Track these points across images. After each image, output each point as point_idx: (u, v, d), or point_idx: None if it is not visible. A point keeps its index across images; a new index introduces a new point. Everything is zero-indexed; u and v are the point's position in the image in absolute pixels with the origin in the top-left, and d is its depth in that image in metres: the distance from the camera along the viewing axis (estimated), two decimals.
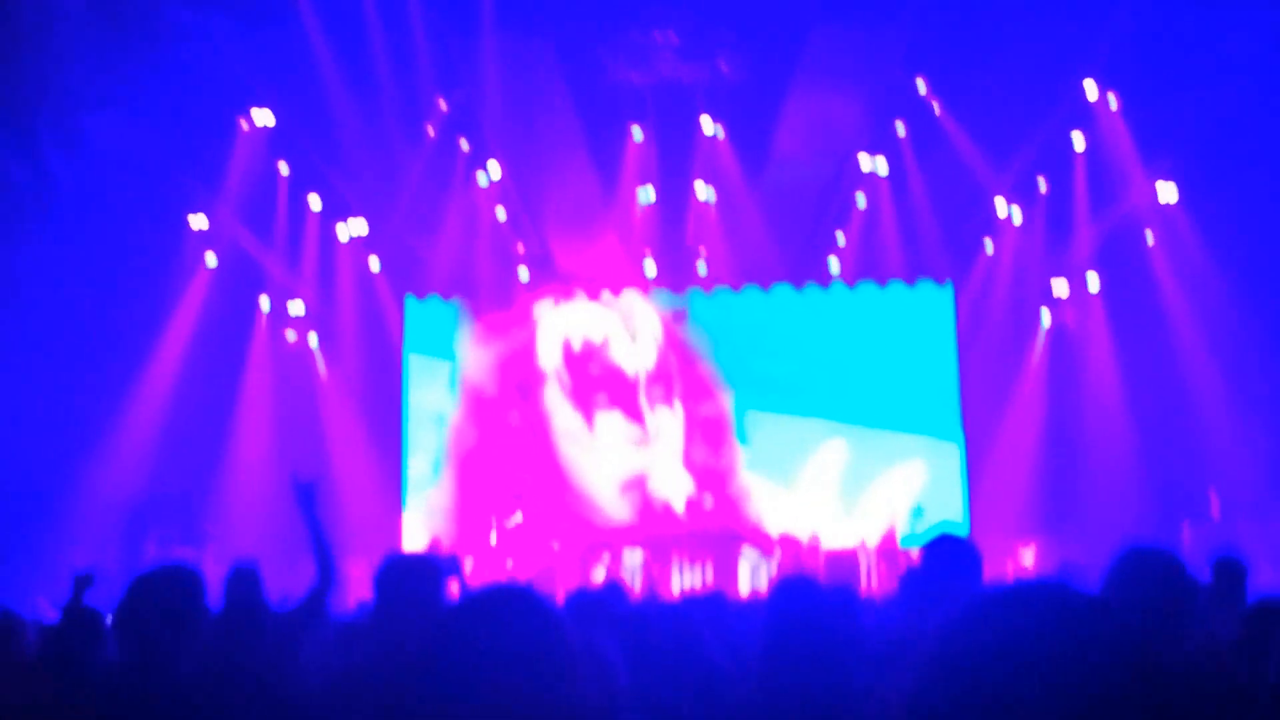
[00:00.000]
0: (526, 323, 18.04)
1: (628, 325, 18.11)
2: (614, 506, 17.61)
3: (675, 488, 17.60)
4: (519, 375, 18.00)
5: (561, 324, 18.10)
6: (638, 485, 17.66)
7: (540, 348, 18.04)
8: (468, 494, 17.61)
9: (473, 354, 18.02)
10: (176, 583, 3.41)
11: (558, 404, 17.97)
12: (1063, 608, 1.31)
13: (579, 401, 17.93)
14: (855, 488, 17.66)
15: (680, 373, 18.02)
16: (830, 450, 17.75)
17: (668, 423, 17.92)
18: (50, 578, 11.58)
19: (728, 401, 17.98)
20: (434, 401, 18.07)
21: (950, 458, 17.96)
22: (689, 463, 17.79)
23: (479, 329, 17.95)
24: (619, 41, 13.90)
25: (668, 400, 17.96)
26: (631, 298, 18.08)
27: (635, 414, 17.90)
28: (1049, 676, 1.24)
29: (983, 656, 1.28)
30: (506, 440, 17.81)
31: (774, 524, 16.98)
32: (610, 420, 17.88)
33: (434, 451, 17.97)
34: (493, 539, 16.24)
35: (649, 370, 17.97)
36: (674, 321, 18.11)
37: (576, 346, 18.10)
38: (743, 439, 17.89)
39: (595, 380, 17.97)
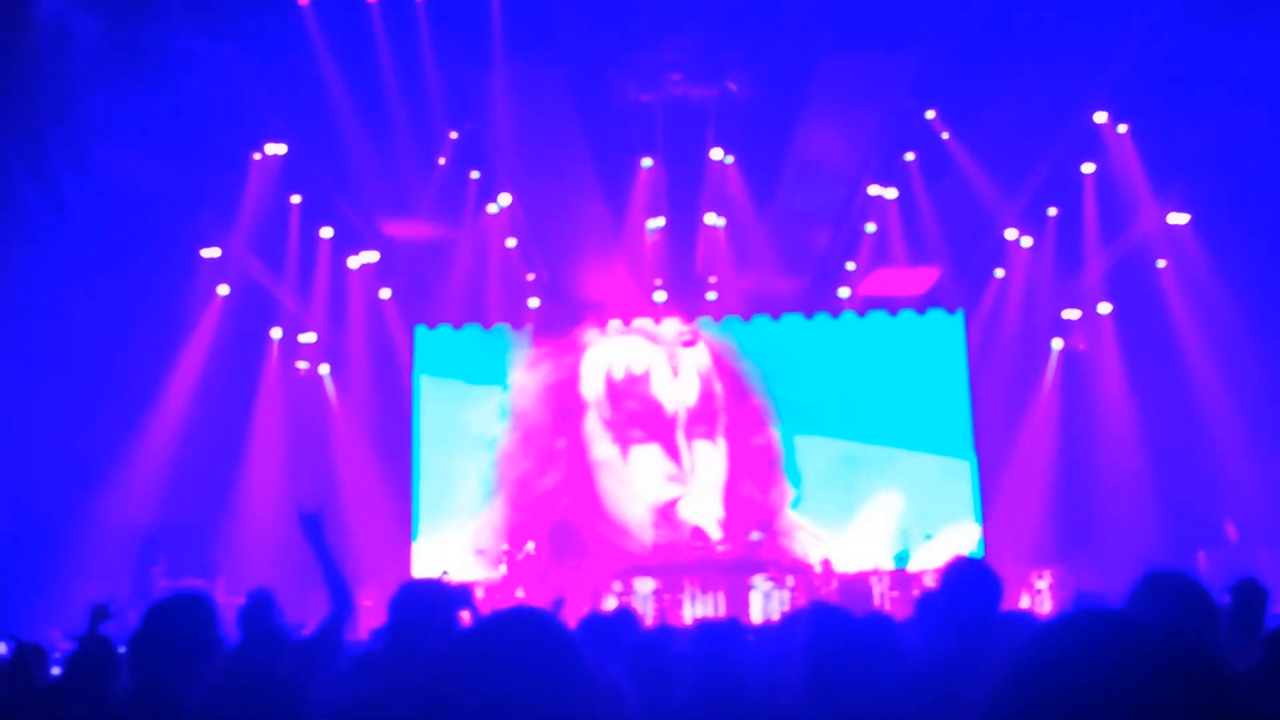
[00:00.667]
0: (574, 350, 18.20)
1: (672, 359, 18.16)
2: (646, 535, 17.66)
3: (708, 519, 17.59)
4: (564, 402, 18.11)
5: (607, 354, 18.23)
6: (669, 517, 17.67)
7: (584, 376, 18.17)
8: (515, 518, 17.70)
9: (522, 379, 18.18)
10: (191, 611, 3.41)
11: (597, 433, 18.03)
12: (1136, 636, 1.28)
13: (616, 433, 17.98)
14: (873, 514, 17.67)
15: (727, 406, 18.07)
16: (883, 498, 17.81)
17: (707, 458, 17.92)
18: (61, 607, 11.58)
19: (776, 435, 18.03)
20: (481, 425, 18.13)
21: (963, 482, 17.91)
22: (730, 497, 17.79)
23: (532, 355, 18.11)
24: (629, 63, 13.94)
25: (710, 436, 17.97)
26: (676, 328, 18.22)
27: (672, 449, 17.90)
28: (1129, 707, 1.20)
29: (1057, 688, 1.24)
30: (551, 466, 17.90)
31: (809, 555, 16.98)
32: (646, 454, 17.91)
33: (480, 475, 18.02)
34: (503, 569, 16.22)
35: (690, 407, 17.99)
36: (724, 353, 18.18)
37: (619, 376, 18.20)
38: (795, 479, 17.92)
39: (633, 413, 18.02)
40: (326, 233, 16.53)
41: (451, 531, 17.79)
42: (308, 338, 17.43)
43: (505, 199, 16.23)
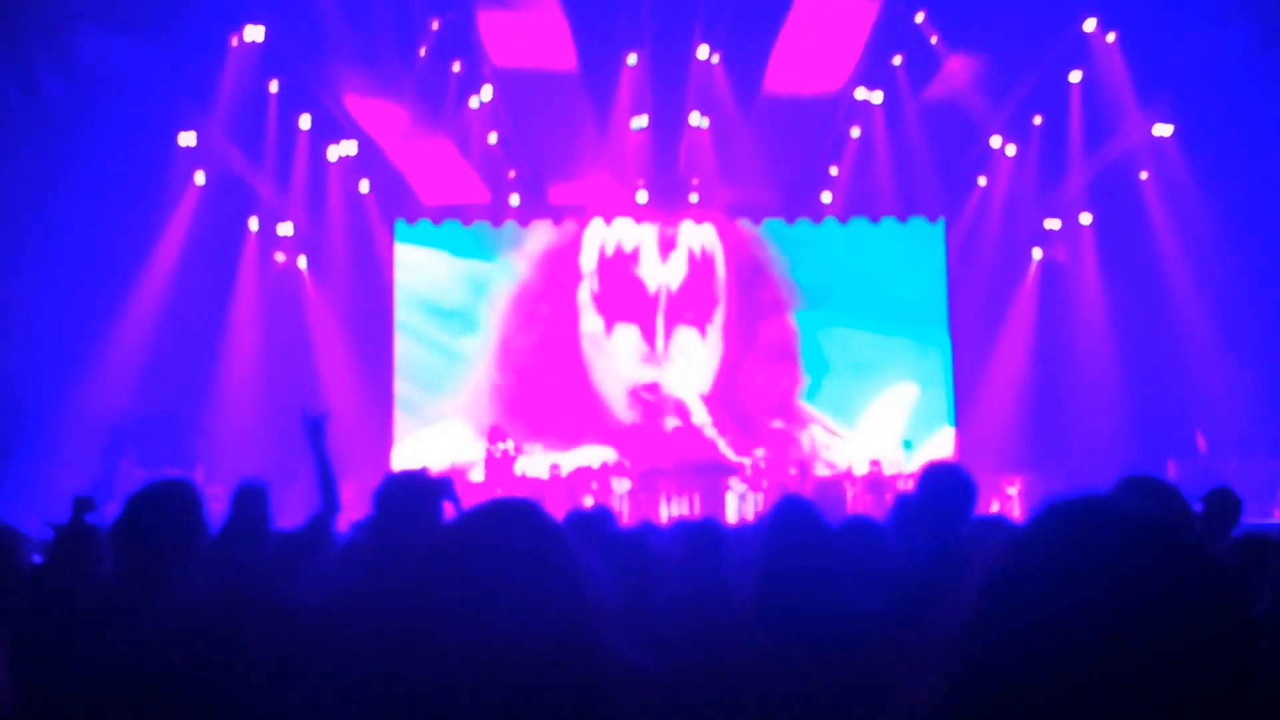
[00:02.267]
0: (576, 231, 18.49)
1: (665, 240, 18.24)
2: (623, 414, 18.01)
3: (690, 388, 17.95)
4: (559, 271, 18.34)
5: (603, 230, 18.42)
6: (650, 393, 17.90)
7: (584, 247, 18.44)
8: (507, 388, 18.04)
9: (523, 246, 18.40)
10: (176, 496, 3.37)
11: (586, 305, 18.28)
12: (1149, 527, 1.24)
13: (601, 307, 18.16)
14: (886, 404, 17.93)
15: (730, 290, 18.24)
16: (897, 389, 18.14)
17: (687, 345, 18.08)
18: (38, 495, 11.59)
19: (792, 322, 18.24)
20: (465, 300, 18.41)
21: (938, 392, 18.12)
22: (722, 383, 17.99)
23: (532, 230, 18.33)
24: None
25: (698, 323, 18.11)
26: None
27: (649, 332, 18.11)
28: (1133, 602, 1.18)
29: (1050, 583, 1.21)
30: (533, 328, 18.21)
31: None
32: (625, 333, 18.22)
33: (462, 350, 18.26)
34: (480, 471, 16.33)
35: (673, 291, 18.09)
36: (740, 236, 18.35)
37: (610, 252, 18.40)
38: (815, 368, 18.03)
39: (619, 290, 18.17)
40: (305, 122, 16.30)
41: (431, 423, 17.95)
42: (286, 229, 17.29)
43: (487, 92, 15.99)
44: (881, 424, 17.85)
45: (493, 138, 16.74)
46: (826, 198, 17.97)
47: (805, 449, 17.79)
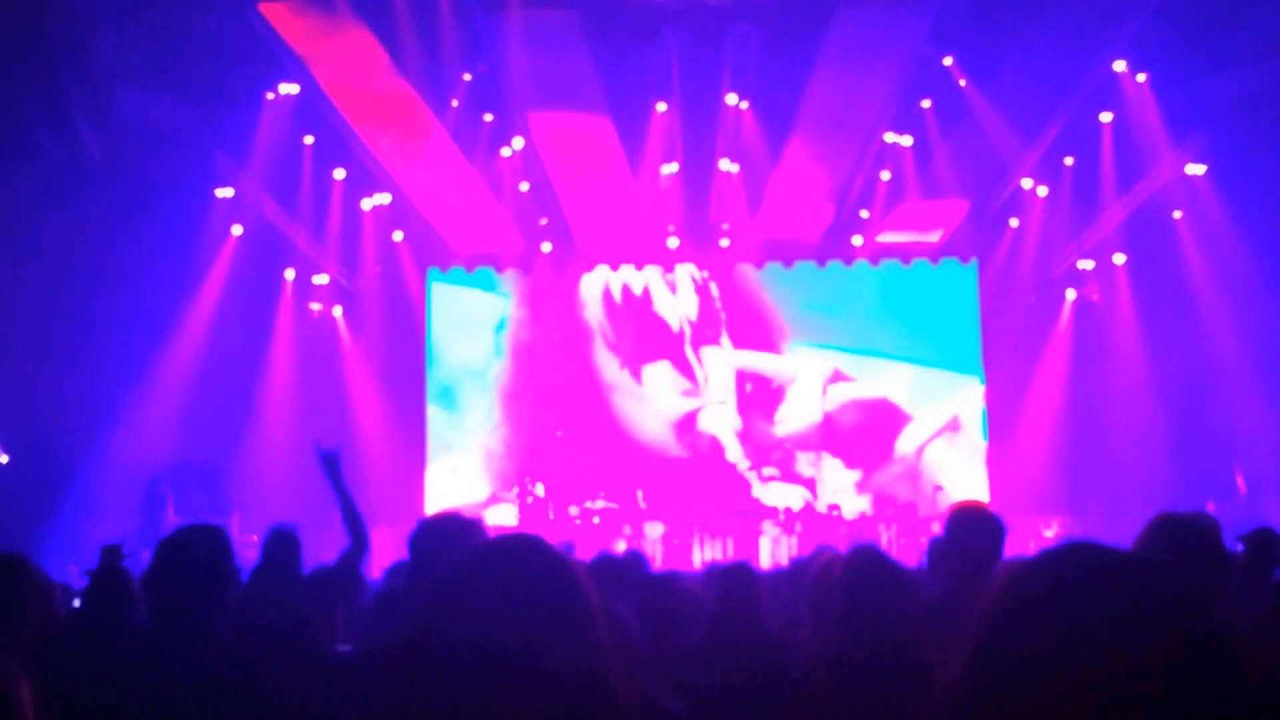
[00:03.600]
0: (571, 283, 18.55)
1: (666, 276, 18.41)
2: (669, 448, 18.10)
3: (724, 425, 17.88)
4: (566, 332, 18.48)
5: (601, 279, 18.60)
6: (688, 429, 17.89)
7: (585, 303, 18.56)
8: (519, 453, 18.04)
9: (520, 313, 18.51)
10: (206, 541, 3.40)
11: (605, 358, 18.37)
12: (1115, 569, 1.28)
13: (623, 356, 18.25)
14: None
15: (726, 307, 18.48)
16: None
17: (716, 363, 18.12)
18: (76, 545, 11.69)
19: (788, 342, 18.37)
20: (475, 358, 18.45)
21: (973, 433, 18.03)
22: (743, 399, 18.05)
23: (529, 290, 18.42)
24: None
25: (715, 340, 18.16)
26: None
27: (683, 364, 18.20)
28: (1103, 637, 1.22)
29: (1054, 618, 1.25)
30: (553, 395, 18.27)
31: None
32: (658, 371, 18.30)
33: (487, 410, 18.37)
34: (515, 516, 16.37)
35: (693, 320, 18.17)
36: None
37: (618, 298, 18.53)
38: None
39: (638, 333, 18.28)
40: (340, 174, 16.51)
41: (463, 471, 18.01)
42: (321, 279, 17.49)
43: (519, 142, 16.15)
44: (918, 464, 17.78)
45: (524, 186, 16.88)
46: (858, 241, 17.99)
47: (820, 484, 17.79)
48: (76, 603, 5.42)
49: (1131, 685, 1.18)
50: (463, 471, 18.04)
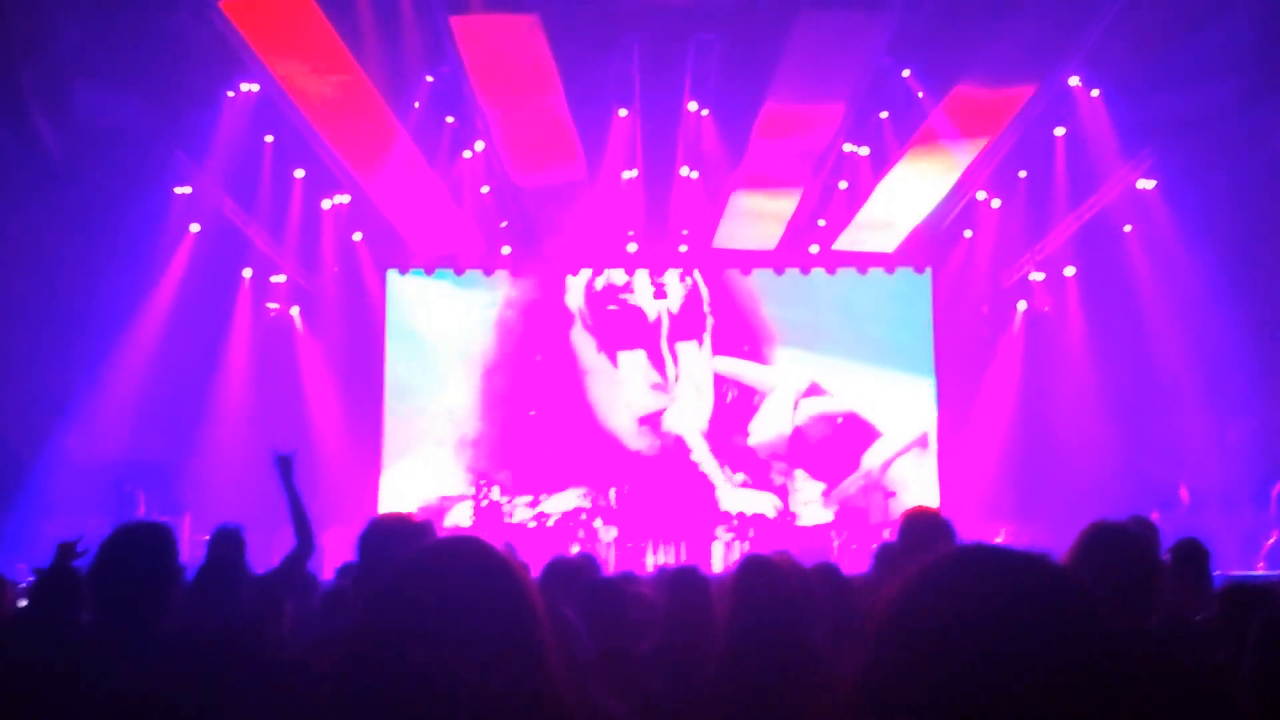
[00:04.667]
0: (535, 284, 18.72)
1: (654, 274, 18.57)
2: (633, 443, 18.12)
3: (690, 424, 17.99)
4: (547, 316, 18.58)
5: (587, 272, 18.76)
6: (654, 425, 17.93)
7: (569, 288, 18.70)
8: (476, 445, 18.09)
9: (482, 312, 18.61)
10: (148, 539, 3.35)
11: (583, 341, 18.43)
12: (1027, 571, 1.30)
13: (601, 339, 18.31)
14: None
15: (714, 311, 18.58)
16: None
17: (691, 360, 18.18)
18: (27, 543, 11.58)
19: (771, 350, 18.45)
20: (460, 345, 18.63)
21: (924, 441, 18.21)
22: (719, 404, 18.14)
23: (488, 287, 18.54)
24: None
25: (695, 336, 18.23)
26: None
27: (656, 357, 18.28)
28: (1013, 641, 1.22)
29: (940, 621, 1.26)
30: (518, 392, 18.35)
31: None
32: (633, 360, 18.41)
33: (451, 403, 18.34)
34: (469, 517, 16.37)
35: (674, 313, 18.25)
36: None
37: (599, 286, 18.64)
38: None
39: (616, 318, 18.42)
40: (299, 174, 16.45)
41: (420, 471, 17.99)
42: (279, 279, 17.41)
43: (480, 145, 16.16)
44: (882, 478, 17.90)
45: (485, 189, 16.89)
46: (814, 249, 18.13)
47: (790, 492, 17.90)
48: (23, 602, 5.41)
49: (1021, 686, 1.21)
50: (420, 471, 18.01)
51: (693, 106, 15.50)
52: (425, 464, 18.06)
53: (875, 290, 18.54)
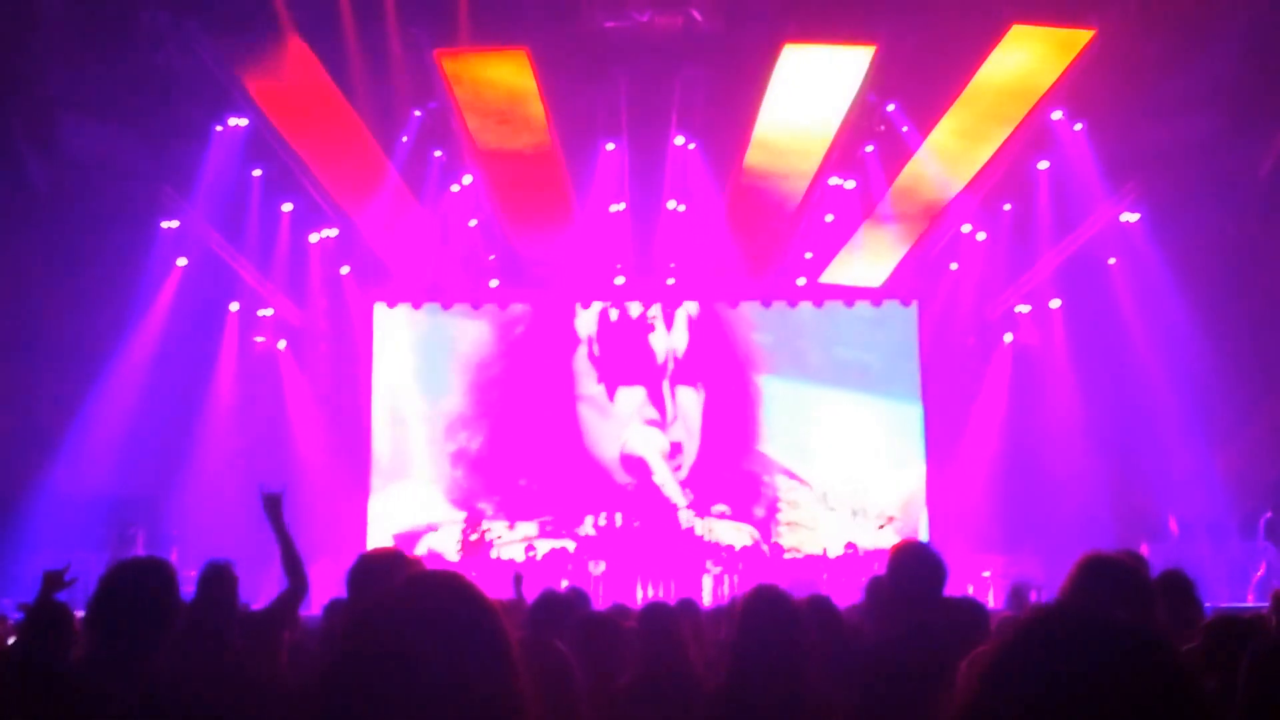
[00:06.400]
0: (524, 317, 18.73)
1: (666, 310, 18.59)
2: (619, 475, 18.17)
3: (651, 447, 18.20)
4: (533, 349, 18.63)
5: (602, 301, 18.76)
6: (640, 460, 18.05)
7: (579, 315, 18.72)
8: (486, 463, 18.17)
9: (471, 345, 18.64)
10: (149, 576, 3.35)
11: (585, 369, 18.55)
12: (1127, 639, 1.31)
13: (602, 371, 18.38)
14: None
15: (710, 350, 18.55)
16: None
17: (688, 403, 18.24)
18: (14, 579, 11.50)
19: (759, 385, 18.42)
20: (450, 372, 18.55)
21: (915, 477, 18.21)
22: (706, 438, 18.15)
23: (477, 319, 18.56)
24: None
25: (693, 381, 18.22)
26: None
27: (657, 396, 18.24)
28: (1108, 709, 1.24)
29: (1039, 685, 1.28)
30: (507, 425, 18.39)
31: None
32: (631, 396, 18.39)
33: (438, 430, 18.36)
34: (457, 550, 16.32)
35: (680, 356, 18.26)
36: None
37: (614, 317, 18.68)
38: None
39: (624, 355, 18.43)
40: (287, 207, 16.48)
41: (407, 502, 17.95)
42: (266, 312, 17.40)
43: (468, 179, 16.21)
44: (873, 490, 17.93)
45: (472, 222, 16.93)
46: (801, 282, 18.20)
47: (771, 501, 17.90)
48: (10, 640, 5.35)
49: None
50: (407, 502, 17.95)
51: (679, 140, 15.59)
52: (413, 495, 18.01)
53: (863, 322, 18.59)
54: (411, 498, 17.99)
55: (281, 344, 17.81)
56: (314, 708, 1.68)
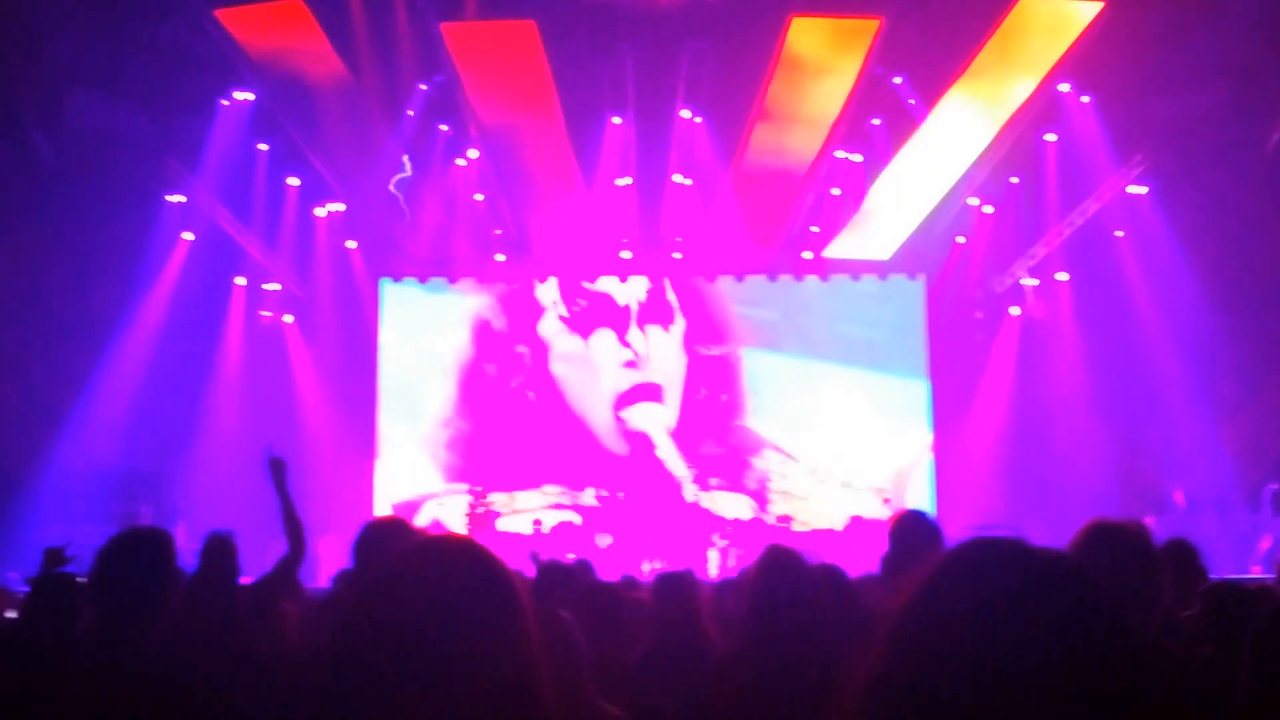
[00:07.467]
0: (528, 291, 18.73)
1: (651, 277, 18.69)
2: (610, 439, 18.14)
3: (655, 421, 18.14)
4: (524, 311, 18.63)
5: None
6: (629, 418, 18.15)
7: (538, 288, 18.73)
8: (468, 446, 18.16)
9: (474, 318, 18.66)
10: (149, 546, 3.35)
11: (556, 330, 18.57)
12: (1044, 565, 1.30)
13: (573, 324, 18.42)
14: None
15: (684, 311, 18.61)
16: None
17: (662, 343, 18.31)
18: (20, 552, 11.55)
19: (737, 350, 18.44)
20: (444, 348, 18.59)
21: (920, 451, 18.21)
22: (689, 400, 18.15)
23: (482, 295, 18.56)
24: None
25: (664, 324, 18.29)
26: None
27: (625, 335, 18.23)
28: (1028, 634, 1.22)
29: (957, 616, 1.26)
30: (506, 396, 18.41)
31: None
32: (603, 339, 18.54)
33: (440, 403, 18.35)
34: (462, 525, 16.37)
35: (642, 301, 18.27)
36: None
37: (569, 280, 18.75)
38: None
39: (586, 307, 18.48)
40: (293, 182, 16.47)
41: (411, 472, 18.01)
42: (272, 286, 17.41)
43: (474, 153, 16.18)
44: (867, 463, 17.95)
45: (478, 196, 16.90)
46: (808, 255, 18.16)
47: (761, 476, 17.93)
48: (12, 613, 5.38)
49: (1047, 684, 1.21)
50: (414, 476, 18.00)
51: (685, 114, 15.54)
52: (419, 470, 18.05)
53: (869, 296, 18.56)
54: (417, 471, 18.03)
55: (288, 318, 17.83)
56: (322, 677, 1.67)
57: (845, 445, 18.06)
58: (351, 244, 17.93)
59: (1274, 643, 2.97)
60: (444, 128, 15.84)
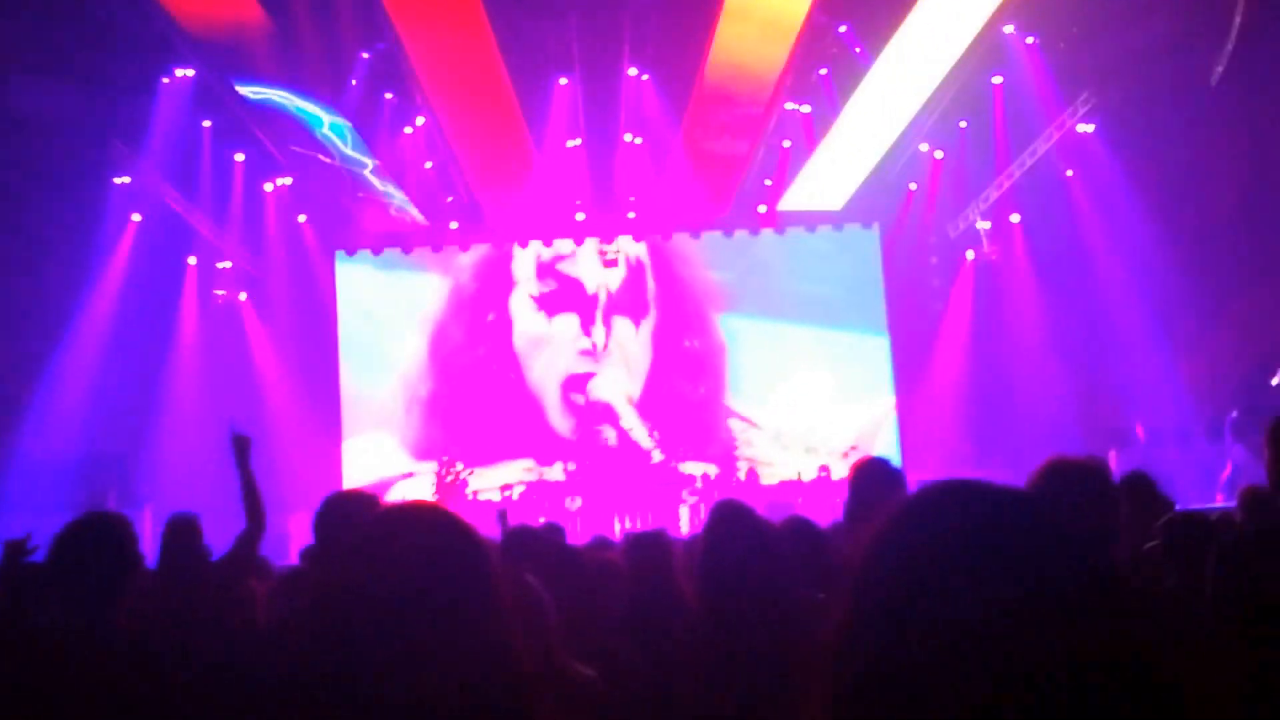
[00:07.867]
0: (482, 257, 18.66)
1: (602, 249, 18.55)
2: (557, 419, 18.14)
3: (618, 392, 18.15)
4: (496, 280, 18.59)
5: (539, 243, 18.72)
6: (581, 393, 18.11)
7: (516, 256, 18.75)
8: (433, 420, 18.12)
9: (432, 288, 18.60)
10: (107, 529, 3.30)
11: (524, 307, 18.43)
12: (1004, 501, 1.27)
13: (540, 303, 18.32)
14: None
15: (659, 300, 18.51)
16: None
17: (625, 337, 18.30)
18: None
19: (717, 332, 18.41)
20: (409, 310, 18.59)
21: (883, 406, 18.34)
22: (654, 381, 18.12)
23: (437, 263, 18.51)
24: None
25: (633, 317, 18.20)
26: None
27: (589, 324, 18.23)
28: (996, 573, 1.20)
29: (920, 557, 1.23)
30: (481, 339, 18.40)
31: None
32: (565, 322, 18.44)
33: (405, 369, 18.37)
34: (432, 495, 16.34)
35: (612, 290, 18.22)
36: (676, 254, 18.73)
37: (547, 256, 18.67)
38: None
39: (556, 288, 18.29)
40: (239, 157, 16.27)
41: (380, 448, 17.95)
42: (225, 264, 17.24)
43: (420, 121, 16.03)
44: (829, 424, 18.04)
45: (428, 164, 16.77)
46: (762, 209, 18.17)
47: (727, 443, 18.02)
48: None
49: (1013, 619, 1.21)
50: (380, 449, 17.95)
51: (633, 72, 15.45)
52: (384, 442, 18.00)
53: (825, 248, 18.59)
54: (383, 446, 17.98)
55: (242, 296, 17.67)
56: (292, 649, 1.65)
57: (808, 410, 18.13)
58: (302, 218, 17.76)
59: (1237, 571, 3.01)
60: (389, 96, 15.67)
